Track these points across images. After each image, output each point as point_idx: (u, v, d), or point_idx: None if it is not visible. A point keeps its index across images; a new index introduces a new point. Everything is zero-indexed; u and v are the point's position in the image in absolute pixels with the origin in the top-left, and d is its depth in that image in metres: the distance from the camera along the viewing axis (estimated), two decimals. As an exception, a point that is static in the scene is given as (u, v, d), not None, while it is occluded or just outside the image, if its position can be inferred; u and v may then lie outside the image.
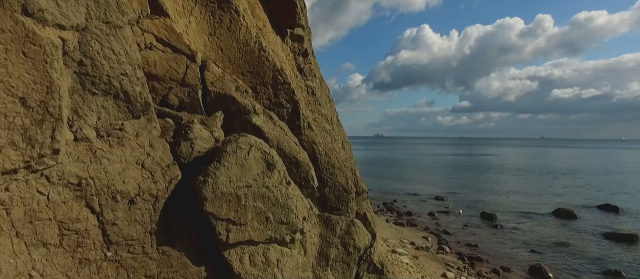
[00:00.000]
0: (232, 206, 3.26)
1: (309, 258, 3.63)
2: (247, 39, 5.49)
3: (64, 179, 2.70)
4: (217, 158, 3.36)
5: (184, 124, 3.65)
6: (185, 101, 4.01)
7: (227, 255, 3.23)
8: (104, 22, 3.10)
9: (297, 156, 4.39)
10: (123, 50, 3.24)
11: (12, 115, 2.42)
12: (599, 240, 14.21)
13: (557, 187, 28.77)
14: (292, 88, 5.63)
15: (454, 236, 14.28)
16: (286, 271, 3.39)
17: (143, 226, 3.02)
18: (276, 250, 3.42)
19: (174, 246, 3.14)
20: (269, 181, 3.55)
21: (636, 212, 19.30)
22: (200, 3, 5.32)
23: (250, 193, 3.38)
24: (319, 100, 6.38)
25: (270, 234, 3.41)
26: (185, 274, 3.15)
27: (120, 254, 2.89)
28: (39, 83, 2.56)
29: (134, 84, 3.31)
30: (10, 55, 2.45)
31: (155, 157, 3.27)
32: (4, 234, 2.35)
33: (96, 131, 3.04)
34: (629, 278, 10.50)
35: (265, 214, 3.42)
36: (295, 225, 3.56)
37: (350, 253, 3.89)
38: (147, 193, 3.12)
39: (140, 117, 3.37)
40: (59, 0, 2.76)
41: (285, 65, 6.03)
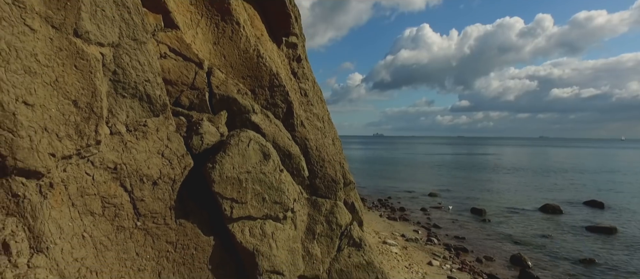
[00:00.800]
0: (235, 188, 4.01)
1: (298, 232, 4.38)
2: (247, 47, 6.23)
3: (103, 164, 3.45)
4: (223, 149, 4.11)
5: (194, 121, 4.39)
6: (195, 102, 4.76)
7: (231, 227, 3.97)
8: (132, 39, 3.84)
9: (290, 150, 5.14)
10: (146, 61, 3.99)
11: (67, 113, 3.16)
12: (580, 233, 14.99)
13: (548, 185, 29.56)
14: (287, 91, 6.37)
15: (443, 230, 15.05)
16: (279, 242, 4.14)
17: (164, 203, 3.77)
18: (271, 225, 4.16)
19: (189, 220, 3.89)
20: (265, 168, 4.29)
21: (620, 208, 20.10)
22: (205, 16, 6.07)
23: (250, 178, 4.12)
24: (311, 100, 7.13)
25: (266, 212, 4.16)
26: (197, 242, 3.90)
27: (147, 224, 3.64)
28: (86, 89, 3.31)
29: (154, 89, 4.06)
30: (66, 67, 3.20)
31: (172, 148, 4.02)
32: (64, 204, 3.09)
33: (126, 127, 3.79)
34: (601, 264, 11.27)
35: (262, 195, 4.16)
36: (287, 204, 4.30)
37: (333, 229, 4.64)
38: (167, 177, 3.87)
39: (160, 115, 4.11)
40: (100, 24, 3.51)
41: (281, 69, 6.78)
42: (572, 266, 11.20)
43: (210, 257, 3.90)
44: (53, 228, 2.86)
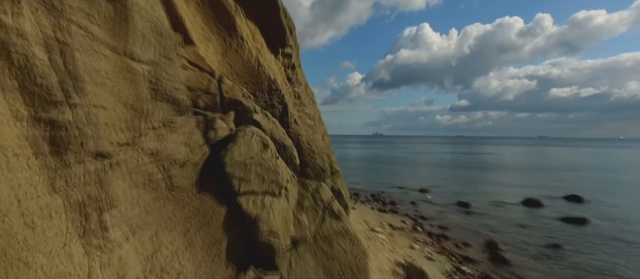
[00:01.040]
0: (242, 170, 5.26)
1: (290, 205, 5.63)
2: (249, 58, 7.49)
3: (146, 150, 4.70)
4: (232, 141, 5.36)
5: (210, 119, 5.64)
6: (209, 104, 6.00)
7: (239, 200, 5.23)
8: (165, 57, 5.10)
9: (284, 142, 6.39)
10: (174, 73, 5.24)
11: (122, 113, 4.41)
12: (554, 223, 16.28)
13: (536, 181, 30.87)
14: (283, 94, 7.63)
15: (428, 220, 16.33)
16: (275, 212, 5.39)
17: (189, 180, 5.03)
18: (269, 198, 5.41)
19: (207, 193, 5.14)
20: (264, 156, 5.54)
21: (598, 202, 21.40)
22: (215, 32, 7.32)
23: (253, 163, 5.38)
24: (303, 102, 8.39)
25: (265, 189, 5.41)
26: (213, 210, 5.15)
27: (177, 195, 4.89)
28: (134, 95, 4.57)
29: (180, 94, 5.32)
30: (119, 79, 4.46)
31: (194, 139, 5.28)
32: (122, 177, 4.35)
33: (161, 123, 5.04)
34: (566, 249, 12.56)
35: (262, 176, 5.42)
36: (281, 184, 5.55)
37: (317, 204, 5.89)
38: (190, 161, 5.12)
39: (184, 114, 5.37)
40: (142, 47, 4.76)
41: (278, 76, 8.04)
42: (538, 250, 12.50)
43: (223, 221, 5.16)
44: (119, 192, 4.12)
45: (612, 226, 15.53)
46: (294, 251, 5.47)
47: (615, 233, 14.59)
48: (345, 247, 5.87)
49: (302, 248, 5.54)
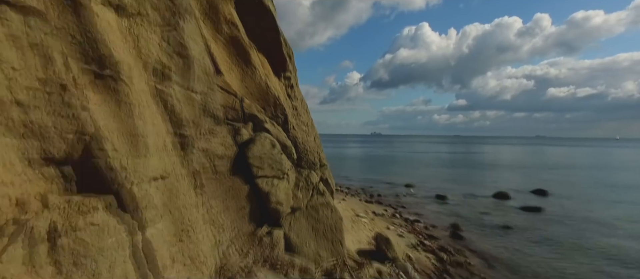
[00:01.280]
0: (258, 161, 8.04)
1: (290, 185, 8.42)
2: (260, 82, 10.26)
3: (200, 149, 7.50)
4: (252, 142, 8.15)
5: (236, 128, 8.43)
6: (235, 117, 8.78)
7: (256, 181, 8.02)
8: (209, 88, 7.90)
9: (286, 143, 9.19)
10: (214, 97, 8.05)
11: (181, 124, 7.20)
12: (514, 211, 19.14)
13: (514, 177, 33.76)
14: (284, 107, 10.41)
15: (407, 209, 19.16)
16: (280, 189, 8.18)
17: (225, 168, 7.83)
18: (276, 180, 8.19)
19: (236, 176, 7.93)
20: (273, 152, 8.33)
21: (558, 195, 24.28)
22: (236, 64, 10.09)
23: (265, 156, 8.16)
24: (299, 113, 11.18)
25: (274, 174, 8.20)
26: (240, 188, 7.94)
27: (219, 177, 7.69)
28: (193, 114, 7.36)
29: (218, 111, 8.11)
30: (188, 105, 7.26)
31: (227, 141, 8.07)
32: (188, 170, 7.14)
33: (207, 131, 7.84)
34: (513, 229, 15.39)
35: (271, 165, 8.20)
36: (284, 171, 8.33)
37: (308, 185, 8.67)
38: (226, 156, 7.92)
39: (220, 125, 8.17)
40: (197, 83, 7.55)
41: (280, 94, 10.81)
42: (491, 230, 15.34)
43: (247, 194, 7.95)
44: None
45: (560, 214, 18.39)
46: (292, 215, 8.25)
47: (559, 219, 17.45)
48: (327, 214, 8.65)
49: (298, 213, 8.32)
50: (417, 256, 11.63)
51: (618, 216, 17.82)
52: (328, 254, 8.41)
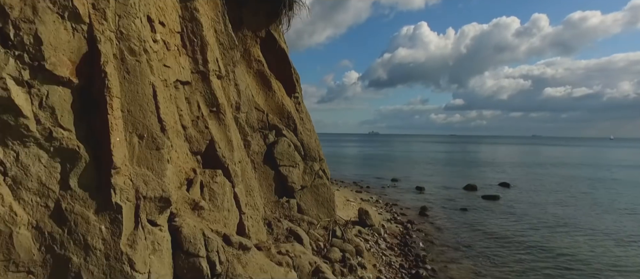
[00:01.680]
0: (280, 155, 12.48)
1: (300, 171, 12.84)
2: (278, 101, 14.71)
3: (246, 150, 11.96)
4: (276, 143, 12.59)
5: (265, 134, 12.88)
6: (264, 126, 13.21)
7: (279, 168, 12.46)
8: (250, 110, 12.37)
9: (297, 143, 13.65)
10: (252, 114, 12.52)
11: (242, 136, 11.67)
12: (475, 199, 23.66)
13: (489, 173, 38.32)
14: (294, 119, 14.86)
15: (388, 197, 23.63)
16: (294, 174, 12.62)
17: (260, 160, 12.29)
18: (291, 168, 12.61)
19: (266, 165, 12.38)
20: (289, 149, 12.77)
21: (520, 188, 28.82)
22: (261, 88, 14.53)
23: (284, 152, 12.60)
24: (304, 121, 15.64)
25: (289, 163, 12.63)
26: (268, 173, 12.39)
27: (256, 168, 12.14)
28: (241, 128, 11.82)
29: (254, 123, 12.58)
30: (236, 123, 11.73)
31: (260, 143, 12.54)
32: (248, 157, 11.59)
33: (250, 137, 12.30)
34: (469, 211, 19.87)
35: (288, 158, 12.63)
36: (296, 162, 12.76)
37: (312, 171, 13.10)
38: (260, 152, 12.38)
39: (256, 132, 12.64)
40: (244, 107, 12.01)
41: (291, 109, 15.26)
42: (452, 212, 19.84)
43: (273, 177, 12.39)
44: (239, 173, 11.36)
45: (511, 201, 22.91)
46: (302, 191, 12.69)
47: (509, 204, 21.96)
48: (324, 191, 13.09)
49: (305, 190, 12.75)
50: (389, 225, 16.12)
51: (561, 205, 22.33)
52: (325, 216, 12.88)
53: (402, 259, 11.87)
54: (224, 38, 10.11)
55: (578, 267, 11.67)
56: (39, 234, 5.12)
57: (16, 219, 4.96)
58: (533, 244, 13.96)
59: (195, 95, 8.53)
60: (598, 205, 22.07)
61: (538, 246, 13.79)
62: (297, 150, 13.39)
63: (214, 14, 9.71)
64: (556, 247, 13.71)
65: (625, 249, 13.62)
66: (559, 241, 14.48)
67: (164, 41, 7.46)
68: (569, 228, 16.50)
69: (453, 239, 14.58)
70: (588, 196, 25.33)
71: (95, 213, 5.39)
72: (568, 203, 22.45)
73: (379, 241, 13.26)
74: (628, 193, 26.47)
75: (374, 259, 11.42)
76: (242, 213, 8.75)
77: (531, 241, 14.47)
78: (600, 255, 12.85)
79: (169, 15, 7.79)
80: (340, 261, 10.23)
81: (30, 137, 5.11)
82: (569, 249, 13.50)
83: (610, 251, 13.41)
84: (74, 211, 5.29)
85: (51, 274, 5.11)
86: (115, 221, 5.47)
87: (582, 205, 22.16)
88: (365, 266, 10.59)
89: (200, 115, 8.49)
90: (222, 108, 9.11)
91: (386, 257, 11.83)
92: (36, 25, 5.00)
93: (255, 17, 14.19)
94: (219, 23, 9.89)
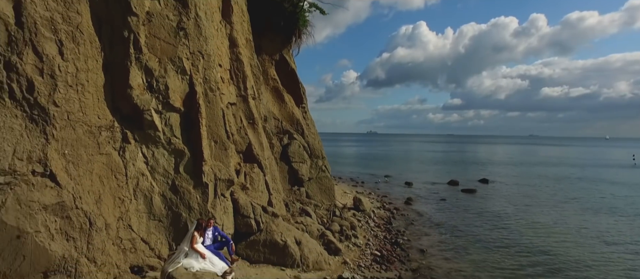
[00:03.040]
0: (293, 153, 16.19)
1: (307, 166, 16.56)
2: (289, 110, 18.45)
3: (269, 149, 15.71)
4: (289, 144, 16.31)
5: (280, 137, 16.59)
6: (279, 131, 16.91)
7: (292, 163, 16.18)
8: (269, 118, 16.10)
9: (304, 144, 17.39)
10: (271, 122, 16.26)
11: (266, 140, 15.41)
12: (455, 192, 27.40)
13: (473, 170, 42.07)
14: (302, 124, 18.60)
15: (381, 190, 27.36)
16: (304, 168, 16.35)
17: (278, 156, 16.02)
18: (301, 163, 16.32)
19: (282, 161, 16.11)
20: (299, 149, 16.50)
21: (498, 183, 32.58)
22: (276, 100, 18.27)
23: (296, 151, 16.33)
24: (309, 125, 19.38)
25: (299, 160, 16.34)
26: (283, 167, 16.12)
27: (278, 163, 15.88)
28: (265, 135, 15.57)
29: (272, 129, 16.32)
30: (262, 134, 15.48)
31: (277, 144, 16.28)
32: (272, 155, 15.32)
33: (270, 140, 16.05)
34: (447, 201, 23.61)
35: (299, 156, 16.35)
36: (304, 159, 16.48)
37: (317, 166, 16.81)
38: (278, 151, 16.12)
39: (274, 136, 16.38)
40: (267, 118, 15.74)
41: (299, 117, 19.00)
42: (432, 201, 23.60)
43: (287, 170, 16.11)
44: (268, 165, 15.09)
45: (485, 195, 26.69)
46: (309, 181, 16.41)
47: (482, 197, 25.74)
48: (326, 181, 16.83)
49: (312, 180, 16.48)
50: (378, 211, 19.89)
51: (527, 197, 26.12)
52: (327, 201, 16.63)
53: (386, 233, 15.60)
54: (255, 70, 13.84)
55: (519, 240, 15.35)
56: (164, 199, 8.85)
57: (153, 189, 8.70)
58: (492, 225, 17.70)
59: (239, 112, 12.24)
60: (563, 199, 25.80)
61: (497, 226, 17.52)
62: (305, 149, 17.12)
63: (250, 54, 13.45)
64: (512, 226, 17.45)
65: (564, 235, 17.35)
66: (514, 223, 18.21)
67: (221, 77, 11.17)
68: (526, 214, 20.25)
69: (429, 221, 18.33)
70: (555, 191, 29.10)
71: (194, 187, 9.13)
72: (533, 196, 26.23)
73: (368, 221, 16.99)
74: (595, 189, 30.26)
75: (364, 233, 15.15)
76: (270, 194, 12.49)
77: (492, 222, 18.21)
78: (534, 237, 16.59)
79: (224, 59, 11.51)
80: (339, 231, 13.94)
81: (160, 142, 8.86)
82: (519, 228, 17.23)
83: (546, 234, 17.15)
84: (182, 186, 9.03)
85: (170, 222, 8.85)
86: (205, 193, 9.21)
87: (545, 197, 25.94)
88: (358, 236, 14.30)
89: (242, 125, 12.20)
90: (256, 121, 12.83)
91: (373, 232, 15.56)
92: (166, 78, 8.74)
93: (272, 44, 17.94)
94: (253, 60, 13.62)
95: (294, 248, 10.24)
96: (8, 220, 6.42)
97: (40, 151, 6.87)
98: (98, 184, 7.80)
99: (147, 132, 8.64)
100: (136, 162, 8.51)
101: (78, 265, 6.95)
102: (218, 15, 11.54)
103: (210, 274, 6.78)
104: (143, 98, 8.51)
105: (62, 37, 7.36)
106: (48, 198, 6.86)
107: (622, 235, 16.39)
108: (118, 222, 8.05)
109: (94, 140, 7.81)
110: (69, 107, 7.34)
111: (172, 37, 9.03)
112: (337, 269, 10.88)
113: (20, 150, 6.67)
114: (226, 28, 12.09)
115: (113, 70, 8.31)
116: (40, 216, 6.73)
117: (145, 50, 8.54)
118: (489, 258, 12.94)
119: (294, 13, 17.07)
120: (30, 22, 6.95)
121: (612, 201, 24.54)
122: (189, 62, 9.26)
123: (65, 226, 7.01)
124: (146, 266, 8.34)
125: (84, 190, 7.44)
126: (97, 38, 8.10)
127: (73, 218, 7.10)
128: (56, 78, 7.17)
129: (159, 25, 8.84)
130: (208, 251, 7.26)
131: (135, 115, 8.49)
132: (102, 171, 7.92)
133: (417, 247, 14.02)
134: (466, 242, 14.89)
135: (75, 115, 7.46)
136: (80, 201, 7.24)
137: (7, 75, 6.66)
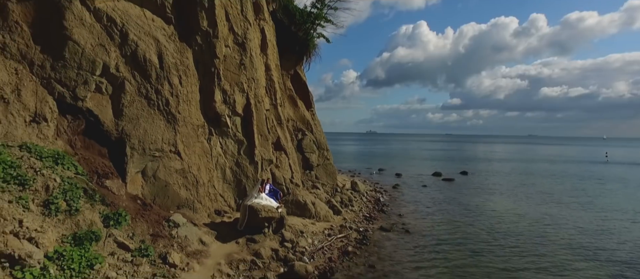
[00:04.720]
0: (306, 146, 21.53)
1: (316, 155, 21.91)
2: (301, 114, 23.81)
3: (290, 142, 21.10)
4: (302, 139, 21.66)
5: (295, 134, 21.96)
6: (294, 130, 22.24)
7: (304, 153, 21.54)
8: (286, 120, 21.51)
9: (314, 140, 22.77)
10: (289, 122, 21.67)
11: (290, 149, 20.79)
12: (436, 181, 32.71)
13: (458, 164, 47.38)
14: (311, 125, 23.96)
15: (374, 179, 32.67)
16: (313, 157, 21.70)
17: (294, 149, 21.40)
18: (311, 154, 21.66)
19: (298, 151, 21.47)
20: (310, 143, 21.87)
21: (477, 175, 37.80)
22: (291, 106, 23.64)
23: (307, 144, 21.69)
24: (317, 125, 24.75)
25: (310, 151, 21.69)
26: (299, 157, 21.47)
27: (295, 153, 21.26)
28: (290, 133, 20.96)
29: (289, 128, 21.71)
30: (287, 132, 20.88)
31: (294, 140, 21.66)
32: (293, 145, 20.71)
33: (289, 137, 21.42)
34: (429, 187, 28.95)
35: (310, 148, 21.70)
36: (314, 150, 21.83)
37: (323, 155, 22.15)
38: (295, 144, 21.50)
39: (291, 133, 21.77)
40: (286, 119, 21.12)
41: (309, 118, 24.36)
42: (415, 187, 28.94)
43: (301, 159, 21.46)
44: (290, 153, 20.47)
45: (461, 184, 32.01)
46: (317, 167, 21.75)
47: (458, 186, 31.06)
48: (330, 167, 22.16)
49: (319, 166, 21.81)
50: (370, 192, 25.29)
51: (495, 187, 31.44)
52: (331, 182, 22.02)
53: (374, 205, 20.99)
54: (281, 85, 19.18)
55: (475, 212, 20.65)
56: (232, 171, 14.26)
57: (226, 164, 14.11)
58: (458, 203, 23.03)
59: (271, 115, 17.57)
60: (523, 188, 31.04)
61: (461, 204, 22.84)
62: (314, 143, 22.49)
63: (278, 74, 18.82)
64: (472, 205, 22.79)
65: (509, 214, 22.62)
66: (474, 203, 23.53)
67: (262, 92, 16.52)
68: (486, 197, 25.58)
69: (409, 199, 23.68)
70: (520, 181, 34.38)
71: (249, 163, 14.54)
72: (499, 185, 31.55)
73: (362, 198, 22.38)
74: (558, 182, 35.56)
75: (358, 204, 20.51)
76: (293, 172, 17.87)
77: (458, 201, 23.54)
78: (485, 212, 21.90)
79: (262, 80, 16.86)
80: (340, 202, 19.30)
81: (229, 135, 14.26)
82: (478, 206, 22.56)
83: (497, 213, 22.45)
84: (242, 163, 14.44)
85: (235, 185, 14.25)
86: (256, 167, 14.63)
87: (509, 187, 31.22)
88: (353, 205, 19.66)
89: (273, 124, 17.53)
90: (282, 121, 18.20)
91: (365, 204, 20.93)
92: (234, 96, 14.14)
93: (288, 62, 23.31)
94: (279, 78, 18.96)
95: (311, 206, 15.64)
96: (160, 176, 11.82)
97: (172, 139, 12.25)
98: (198, 159, 13.17)
99: (223, 129, 14.00)
100: (216, 147, 13.90)
101: (193, 204, 12.35)
102: (259, 50, 16.90)
103: (270, 206, 12.14)
104: (221, 108, 13.87)
105: (180, 73, 12.73)
106: (177, 166, 12.25)
107: (563, 219, 21.76)
108: (208, 183, 13.43)
109: (195, 133, 13.18)
110: (184, 114, 12.72)
111: (237, 69, 14.39)
112: (339, 222, 16.24)
113: (164, 138, 12.04)
114: (263, 58, 17.45)
115: (204, 91, 13.67)
116: (174, 176, 12.12)
117: (223, 78, 13.90)
118: (450, 221, 18.30)
119: (306, 40, 22.42)
120: (166, 65, 12.33)
121: (566, 191, 29.90)
122: (246, 85, 14.63)
123: (185, 182, 12.40)
124: (222, 211, 13.73)
125: (193, 162, 12.83)
126: (196, 72, 13.46)
127: (188, 178, 12.50)
128: (179, 97, 12.55)
129: (230, 62, 14.20)
130: (267, 195, 12.62)
131: (216, 118, 13.85)
132: (200, 151, 13.30)
133: (396, 213, 19.41)
134: (435, 211, 20.26)
135: (187, 119, 12.84)
136: (191, 168, 12.63)
137: (156, 97, 12.04)
